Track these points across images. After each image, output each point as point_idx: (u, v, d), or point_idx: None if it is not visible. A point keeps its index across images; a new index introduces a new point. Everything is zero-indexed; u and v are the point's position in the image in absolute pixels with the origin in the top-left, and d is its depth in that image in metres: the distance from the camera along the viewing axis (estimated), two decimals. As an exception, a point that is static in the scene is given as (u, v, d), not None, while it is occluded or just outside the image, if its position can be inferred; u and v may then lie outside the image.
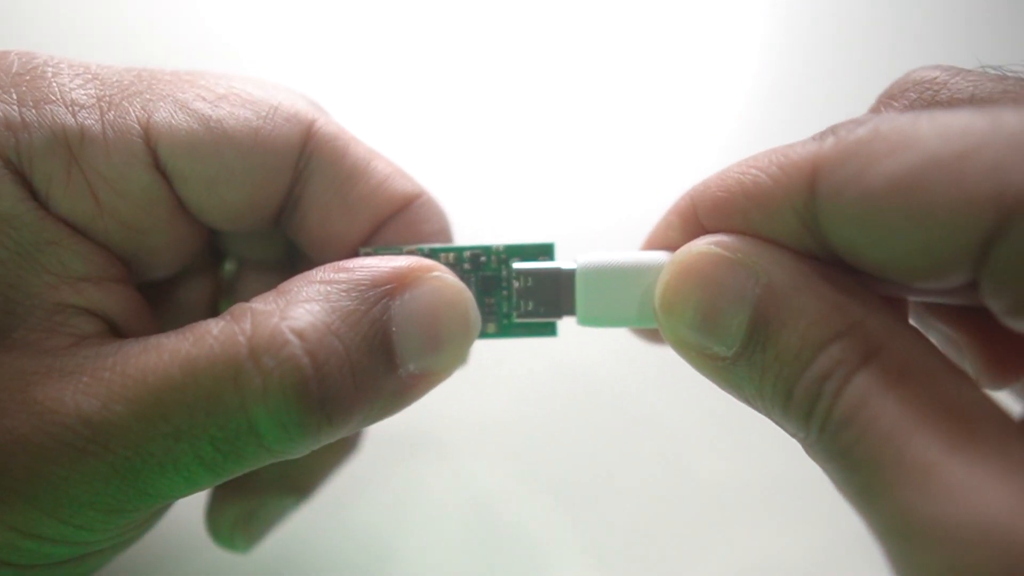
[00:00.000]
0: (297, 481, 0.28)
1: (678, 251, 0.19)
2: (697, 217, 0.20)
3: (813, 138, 0.18)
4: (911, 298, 0.21)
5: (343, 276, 0.19)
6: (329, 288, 0.18)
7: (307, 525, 0.29)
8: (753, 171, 0.18)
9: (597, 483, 0.35)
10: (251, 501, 0.27)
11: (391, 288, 0.19)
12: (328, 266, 0.19)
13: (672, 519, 0.34)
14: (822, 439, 0.17)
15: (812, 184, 0.17)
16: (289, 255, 0.27)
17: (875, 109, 0.20)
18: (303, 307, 0.18)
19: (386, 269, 0.19)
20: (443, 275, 0.20)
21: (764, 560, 0.33)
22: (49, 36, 0.44)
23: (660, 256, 0.21)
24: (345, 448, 0.29)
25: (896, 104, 0.20)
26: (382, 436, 0.30)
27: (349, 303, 0.18)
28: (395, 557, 0.32)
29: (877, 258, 0.17)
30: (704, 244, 0.19)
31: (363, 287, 0.19)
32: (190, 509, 0.26)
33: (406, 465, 0.34)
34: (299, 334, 0.17)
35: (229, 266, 0.26)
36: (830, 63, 0.50)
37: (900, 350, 0.16)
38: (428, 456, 0.35)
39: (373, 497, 0.33)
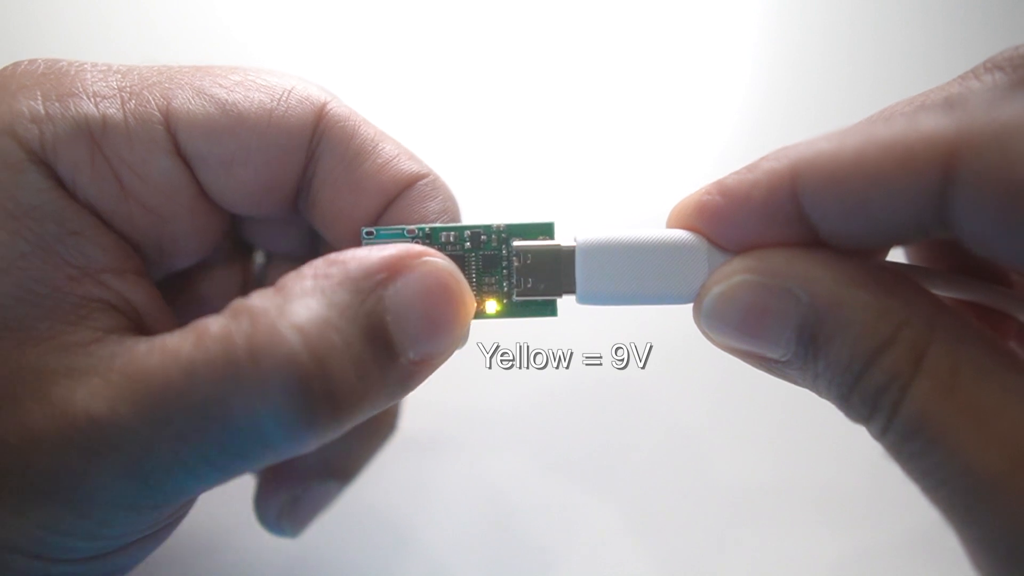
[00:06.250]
0: (339, 465, 0.28)
1: (713, 278, 0.20)
2: (792, 184, 0.18)
3: (940, 108, 0.17)
4: None
5: (336, 270, 0.19)
6: (324, 283, 0.18)
7: (321, 522, 0.29)
8: (874, 147, 0.17)
9: (611, 474, 0.34)
10: (295, 487, 0.28)
11: (383, 278, 0.19)
12: (321, 260, 0.19)
13: (687, 510, 0.33)
14: (884, 440, 0.18)
15: (948, 166, 0.16)
16: (314, 246, 0.27)
17: (977, 74, 0.19)
18: (300, 303, 0.18)
19: (376, 259, 0.19)
20: (432, 259, 0.20)
21: (781, 557, 0.32)
22: (68, 45, 0.47)
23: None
24: (384, 429, 0.29)
25: (1005, 73, 0.19)
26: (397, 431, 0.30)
27: (345, 296, 0.18)
28: (412, 549, 0.32)
29: (1015, 254, 0.16)
30: (738, 274, 0.19)
31: (356, 279, 0.19)
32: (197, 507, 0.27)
33: (422, 458, 0.34)
34: (298, 331, 0.17)
35: (259, 258, 0.27)
36: (831, 59, 0.48)
37: (948, 340, 0.17)
38: (443, 449, 0.35)
39: (390, 490, 0.33)
